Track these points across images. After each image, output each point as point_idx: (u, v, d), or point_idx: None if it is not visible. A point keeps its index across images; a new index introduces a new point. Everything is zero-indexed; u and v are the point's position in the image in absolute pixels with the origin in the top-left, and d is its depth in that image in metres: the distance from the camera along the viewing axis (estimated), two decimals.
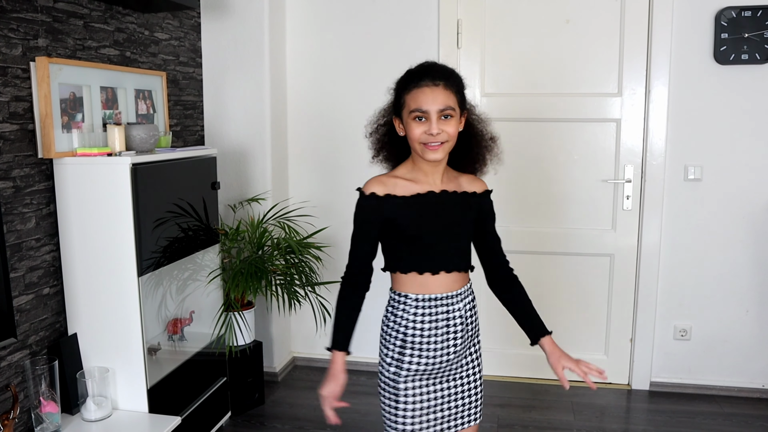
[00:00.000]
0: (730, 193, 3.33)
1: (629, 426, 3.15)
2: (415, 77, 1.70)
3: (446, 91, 1.68)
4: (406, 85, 1.72)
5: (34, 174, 2.31)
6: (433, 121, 1.67)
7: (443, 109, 1.67)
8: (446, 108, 1.68)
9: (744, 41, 3.16)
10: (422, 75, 1.70)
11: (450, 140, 1.71)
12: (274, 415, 3.26)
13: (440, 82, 1.68)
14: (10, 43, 2.17)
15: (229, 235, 3.17)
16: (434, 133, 1.67)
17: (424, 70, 1.71)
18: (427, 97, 1.67)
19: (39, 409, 2.24)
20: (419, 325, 1.79)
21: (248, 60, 3.43)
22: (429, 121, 1.68)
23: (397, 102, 1.76)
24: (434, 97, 1.67)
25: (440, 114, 1.67)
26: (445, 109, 1.67)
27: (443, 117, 1.68)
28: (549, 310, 3.61)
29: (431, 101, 1.67)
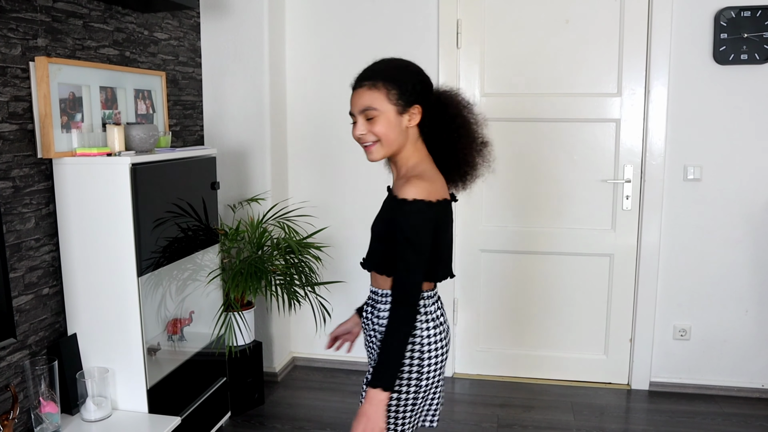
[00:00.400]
0: (729, 193, 3.33)
1: (629, 426, 3.15)
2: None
3: (369, 91, 1.65)
4: None
5: (34, 174, 2.31)
6: (358, 122, 1.68)
7: (363, 110, 1.66)
8: (366, 109, 1.65)
9: (743, 41, 3.16)
10: (356, 79, 1.72)
11: (383, 139, 1.65)
12: (274, 415, 3.26)
13: (365, 83, 1.67)
14: (10, 43, 2.17)
15: (228, 235, 3.17)
16: (357, 134, 1.68)
17: (359, 73, 1.72)
18: (353, 100, 1.70)
19: (39, 410, 2.23)
20: None
21: (248, 60, 3.43)
22: (356, 124, 1.70)
23: None
24: (356, 99, 1.68)
25: (363, 116, 1.67)
26: (366, 110, 1.66)
27: (367, 119, 1.67)
28: (549, 310, 3.62)
29: (354, 103, 1.69)
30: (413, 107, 1.68)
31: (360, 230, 3.58)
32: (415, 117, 1.69)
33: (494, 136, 1.92)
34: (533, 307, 3.62)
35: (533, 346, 3.66)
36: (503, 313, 3.65)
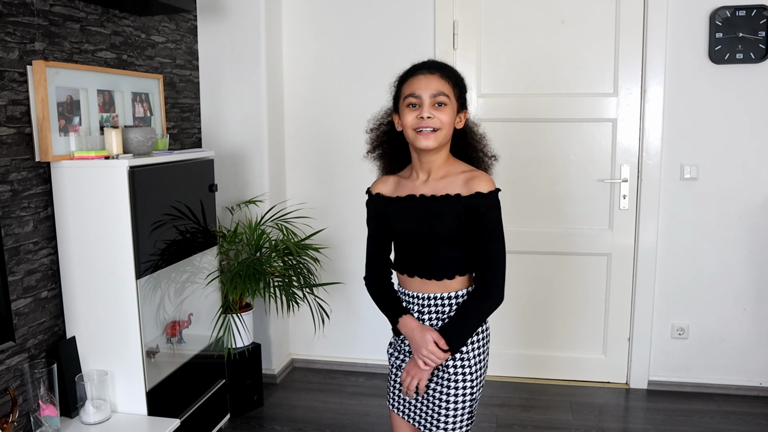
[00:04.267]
0: (726, 191, 3.34)
1: (628, 425, 3.16)
2: (414, 68, 1.75)
3: (441, 79, 1.69)
4: (405, 76, 1.76)
5: (32, 177, 2.31)
6: (425, 105, 1.68)
7: (436, 94, 1.68)
8: (439, 93, 1.68)
9: (739, 41, 3.18)
10: (421, 65, 1.74)
11: (444, 128, 1.70)
12: (273, 416, 3.26)
13: (436, 72, 1.70)
14: (7, 47, 2.17)
15: (226, 237, 3.18)
16: (425, 117, 1.67)
17: (425, 62, 1.76)
18: (421, 83, 1.69)
19: (38, 413, 2.24)
20: None
21: (245, 62, 3.44)
22: (422, 107, 1.69)
23: (396, 95, 1.78)
24: (428, 83, 1.69)
25: (433, 100, 1.68)
26: (438, 94, 1.68)
27: (437, 105, 1.69)
28: (547, 310, 3.63)
29: (424, 86, 1.69)
30: (462, 112, 1.78)
31: (358, 231, 3.58)
32: (461, 121, 1.78)
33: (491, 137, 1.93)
34: (531, 308, 3.63)
35: (531, 346, 3.66)
36: (501, 313, 3.64)
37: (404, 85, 1.74)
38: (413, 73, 1.73)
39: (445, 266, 1.75)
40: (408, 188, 1.79)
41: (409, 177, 1.82)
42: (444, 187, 1.73)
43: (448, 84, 1.70)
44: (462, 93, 1.76)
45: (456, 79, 1.74)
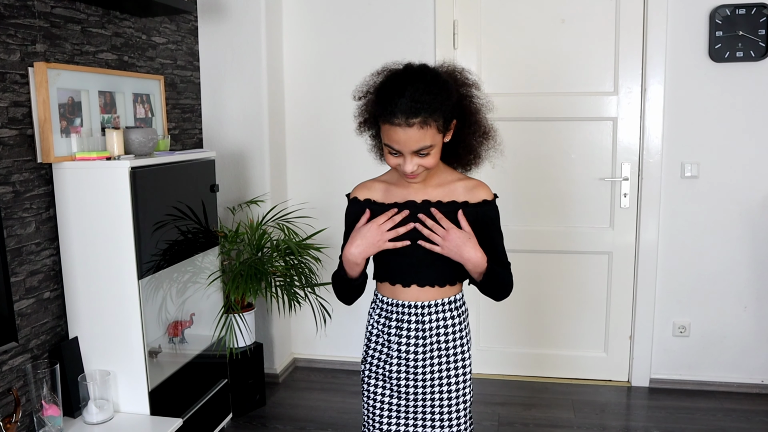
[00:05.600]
0: (726, 189, 3.34)
1: (629, 423, 3.16)
2: (388, 107, 1.52)
3: (421, 129, 1.51)
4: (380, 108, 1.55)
5: (34, 179, 2.32)
6: (407, 160, 1.57)
7: (418, 149, 1.54)
8: (421, 149, 1.54)
9: (738, 39, 3.18)
10: (394, 108, 1.51)
11: (430, 168, 1.60)
12: (276, 416, 3.27)
13: (414, 121, 1.50)
14: (8, 49, 2.18)
15: (228, 237, 3.18)
16: (408, 171, 1.58)
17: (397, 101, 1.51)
18: (400, 137, 1.53)
19: (41, 413, 2.25)
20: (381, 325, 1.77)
21: (246, 63, 3.44)
22: (403, 158, 1.57)
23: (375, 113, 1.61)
24: (407, 139, 1.53)
25: (415, 153, 1.56)
26: (421, 149, 1.54)
27: (420, 155, 1.56)
28: (548, 309, 3.64)
29: (404, 143, 1.53)
30: (452, 123, 1.63)
31: None
32: (451, 132, 1.64)
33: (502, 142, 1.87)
34: (533, 306, 3.64)
35: (533, 345, 3.67)
36: (503, 312, 3.66)
37: (381, 125, 1.56)
38: (390, 119, 1.52)
39: (447, 273, 1.71)
40: (402, 194, 1.70)
41: (397, 183, 1.72)
42: (446, 194, 1.68)
43: (428, 129, 1.52)
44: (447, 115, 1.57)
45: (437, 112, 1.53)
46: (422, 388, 1.75)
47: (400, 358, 1.74)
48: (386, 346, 1.76)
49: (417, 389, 1.74)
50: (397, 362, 1.74)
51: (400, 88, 1.53)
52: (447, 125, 1.59)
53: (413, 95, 1.51)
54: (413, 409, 1.76)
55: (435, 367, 1.74)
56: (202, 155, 2.84)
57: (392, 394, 1.76)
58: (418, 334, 1.72)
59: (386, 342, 1.76)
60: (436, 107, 1.52)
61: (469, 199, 1.68)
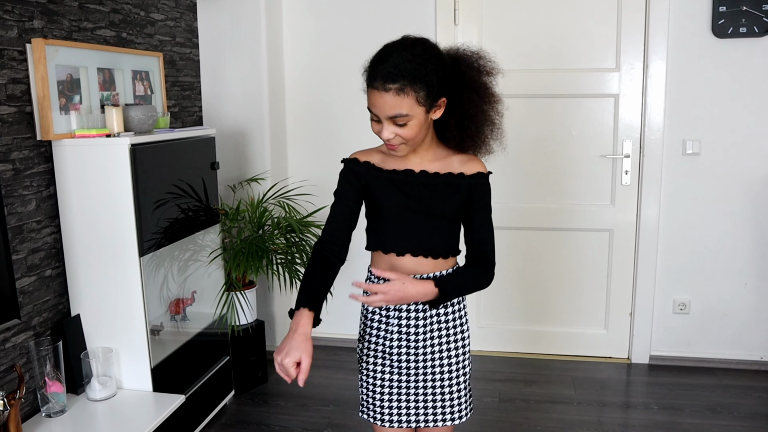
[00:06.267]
0: (728, 166, 3.33)
1: (629, 399, 3.19)
2: (371, 70, 1.53)
3: (398, 96, 1.49)
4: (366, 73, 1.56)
5: (33, 156, 2.32)
6: (384, 126, 1.55)
7: (393, 116, 1.52)
8: (396, 116, 1.51)
9: (742, 14, 3.15)
10: (376, 72, 1.51)
11: (410, 140, 1.57)
12: (278, 393, 3.29)
13: (392, 87, 1.48)
14: (6, 25, 2.16)
15: (229, 215, 3.18)
16: (384, 138, 1.56)
17: (379, 66, 1.51)
18: (376, 101, 1.52)
19: (44, 390, 2.26)
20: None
21: (245, 39, 3.42)
22: (381, 125, 1.55)
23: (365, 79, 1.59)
24: (382, 104, 1.51)
25: (391, 120, 1.53)
26: (395, 116, 1.51)
27: (396, 124, 1.53)
28: (549, 286, 3.65)
29: (379, 106, 1.52)
30: (440, 101, 1.58)
31: None
32: (440, 110, 1.60)
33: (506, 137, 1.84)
34: (534, 284, 3.64)
35: (534, 322, 3.68)
36: (504, 289, 3.67)
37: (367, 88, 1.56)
38: (371, 82, 1.52)
39: (442, 245, 1.71)
40: (400, 163, 1.68)
41: None
42: (442, 166, 1.68)
43: (405, 98, 1.49)
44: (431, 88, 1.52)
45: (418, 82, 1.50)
46: (423, 363, 1.75)
47: (400, 333, 1.74)
48: (384, 322, 1.76)
49: (418, 364, 1.75)
50: (398, 338, 1.74)
51: (386, 54, 1.52)
52: (431, 100, 1.54)
53: (395, 62, 1.49)
54: (414, 385, 1.76)
55: (435, 341, 1.75)
56: (202, 132, 2.83)
57: (392, 370, 1.76)
58: (418, 307, 1.72)
59: (384, 318, 1.76)
60: (417, 77, 1.49)
61: (465, 171, 1.68)
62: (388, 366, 1.77)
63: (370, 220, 1.76)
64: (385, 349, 1.76)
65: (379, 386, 1.78)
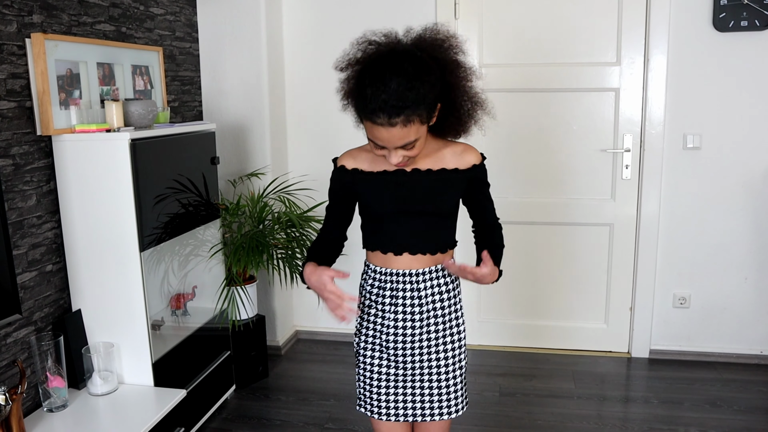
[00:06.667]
0: (729, 161, 3.33)
1: (629, 393, 3.19)
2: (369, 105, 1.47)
3: (405, 127, 1.47)
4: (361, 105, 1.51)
5: (34, 151, 2.31)
6: (392, 153, 1.55)
7: (403, 145, 1.52)
8: (406, 144, 1.52)
9: (743, 7, 3.14)
10: (374, 107, 1.46)
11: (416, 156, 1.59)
12: (278, 387, 3.30)
13: (397, 120, 1.46)
14: (5, 20, 2.16)
15: (229, 209, 3.18)
16: (393, 163, 1.57)
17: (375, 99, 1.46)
18: (383, 136, 1.50)
19: (46, 384, 2.27)
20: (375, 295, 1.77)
21: (245, 34, 3.41)
22: (388, 151, 1.55)
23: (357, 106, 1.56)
24: (389, 137, 1.50)
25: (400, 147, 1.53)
26: (406, 144, 1.52)
27: (405, 148, 1.54)
28: (549, 281, 3.65)
29: (387, 141, 1.51)
30: (437, 107, 1.59)
31: None
32: (436, 114, 1.60)
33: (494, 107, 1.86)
34: (534, 278, 3.65)
35: (534, 316, 3.69)
36: (504, 283, 3.67)
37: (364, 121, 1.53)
38: (371, 117, 1.48)
39: (439, 241, 1.72)
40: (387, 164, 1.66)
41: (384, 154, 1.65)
42: (435, 161, 1.67)
43: (412, 126, 1.48)
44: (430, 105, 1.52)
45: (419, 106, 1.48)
46: (419, 356, 1.76)
47: (396, 328, 1.74)
48: (380, 316, 1.76)
49: (414, 357, 1.75)
50: (394, 332, 1.75)
51: (380, 85, 1.46)
52: (432, 113, 1.56)
53: (394, 93, 1.45)
54: (411, 377, 1.77)
55: (432, 334, 1.76)
56: (202, 127, 2.82)
57: (389, 364, 1.77)
58: (414, 302, 1.73)
59: (380, 312, 1.76)
60: (419, 102, 1.47)
61: (459, 166, 1.69)
62: (384, 360, 1.77)
63: (365, 221, 1.77)
64: (382, 343, 1.77)
65: (375, 380, 1.79)
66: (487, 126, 1.78)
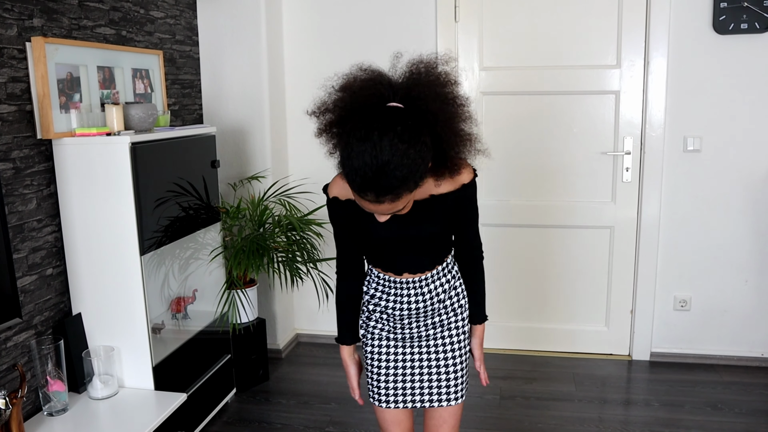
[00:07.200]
0: (729, 163, 3.33)
1: (630, 396, 3.19)
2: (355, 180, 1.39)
3: (394, 202, 1.42)
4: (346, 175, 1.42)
5: (34, 155, 2.31)
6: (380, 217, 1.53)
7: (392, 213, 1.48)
8: (395, 213, 1.49)
9: (743, 10, 3.14)
10: (363, 187, 1.39)
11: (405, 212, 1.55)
12: (279, 391, 3.29)
13: (385, 198, 1.40)
14: (5, 24, 2.16)
15: (230, 213, 3.18)
16: (381, 221, 1.56)
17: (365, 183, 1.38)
18: (370, 207, 1.45)
19: (46, 388, 2.26)
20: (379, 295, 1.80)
21: (245, 37, 3.41)
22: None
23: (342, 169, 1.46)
24: (376, 209, 1.44)
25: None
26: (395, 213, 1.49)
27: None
28: (549, 283, 3.64)
29: (374, 210, 1.46)
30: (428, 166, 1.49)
31: None
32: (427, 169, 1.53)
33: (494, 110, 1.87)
34: (534, 281, 3.64)
35: (535, 319, 3.68)
36: (504, 286, 3.67)
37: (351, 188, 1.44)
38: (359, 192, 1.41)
39: (436, 255, 1.76)
40: None
41: None
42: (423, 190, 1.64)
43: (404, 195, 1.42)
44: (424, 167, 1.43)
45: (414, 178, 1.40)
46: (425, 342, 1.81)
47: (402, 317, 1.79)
48: (385, 312, 1.81)
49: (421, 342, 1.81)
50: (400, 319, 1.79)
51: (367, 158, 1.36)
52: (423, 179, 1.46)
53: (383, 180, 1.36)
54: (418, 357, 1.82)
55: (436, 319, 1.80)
56: (202, 131, 2.82)
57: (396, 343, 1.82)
58: (418, 298, 1.77)
59: (384, 309, 1.80)
60: (408, 179, 1.39)
61: (450, 188, 1.67)
62: (392, 347, 1.83)
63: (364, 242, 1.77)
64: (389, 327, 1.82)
65: (385, 361, 1.83)
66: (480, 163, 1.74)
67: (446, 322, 1.81)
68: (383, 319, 1.81)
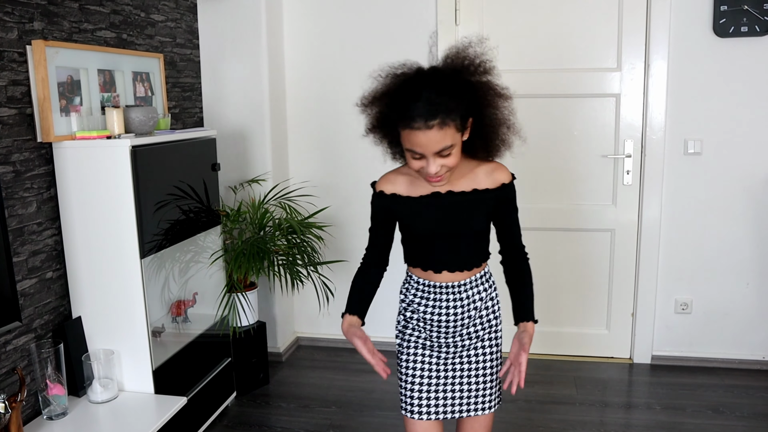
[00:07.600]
0: (730, 166, 3.32)
1: (631, 399, 3.18)
2: (406, 112, 1.54)
3: (441, 130, 1.53)
4: (398, 114, 1.57)
5: (34, 158, 2.31)
6: (430, 162, 1.58)
7: (440, 150, 1.56)
8: (443, 149, 1.56)
9: (743, 13, 3.14)
10: (413, 113, 1.52)
11: (453, 167, 1.63)
12: (279, 394, 3.29)
13: (434, 122, 1.52)
14: (6, 27, 2.16)
15: (230, 216, 3.18)
16: (432, 173, 1.60)
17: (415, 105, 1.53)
18: (421, 140, 1.54)
19: (46, 392, 2.26)
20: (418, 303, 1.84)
21: (246, 40, 3.41)
22: (426, 160, 1.59)
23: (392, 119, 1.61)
24: (427, 141, 1.54)
25: (437, 154, 1.57)
26: (443, 150, 1.56)
27: (442, 155, 1.58)
28: (551, 286, 3.64)
29: (425, 145, 1.55)
30: (468, 121, 1.64)
31: (361, 209, 3.58)
32: (468, 130, 1.65)
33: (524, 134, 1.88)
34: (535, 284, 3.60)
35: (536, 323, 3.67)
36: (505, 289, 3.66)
37: (401, 130, 1.57)
38: (409, 124, 1.53)
39: (475, 257, 1.83)
40: (427, 187, 1.73)
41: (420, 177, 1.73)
42: (468, 182, 1.74)
43: (447, 129, 1.54)
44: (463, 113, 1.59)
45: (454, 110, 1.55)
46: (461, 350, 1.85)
47: (440, 324, 1.82)
48: (423, 320, 1.84)
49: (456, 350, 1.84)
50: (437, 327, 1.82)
51: (414, 92, 1.55)
52: (464, 124, 1.61)
53: (429, 98, 1.53)
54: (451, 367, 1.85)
55: (471, 329, 1.84)
56: (203, 134, 2.82)
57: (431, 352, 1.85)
58: (456, 304, 1.81)
59: (422, 318, 1.84)
60: (452, 107, 1.54)
61: (490, 186, 1.76)
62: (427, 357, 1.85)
63: (405, 240, 1.85)
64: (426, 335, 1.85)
65: (420, 370, 1.86)
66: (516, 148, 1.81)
67: (481, 332, 1.86)
68: (420, 326, 1.85)
